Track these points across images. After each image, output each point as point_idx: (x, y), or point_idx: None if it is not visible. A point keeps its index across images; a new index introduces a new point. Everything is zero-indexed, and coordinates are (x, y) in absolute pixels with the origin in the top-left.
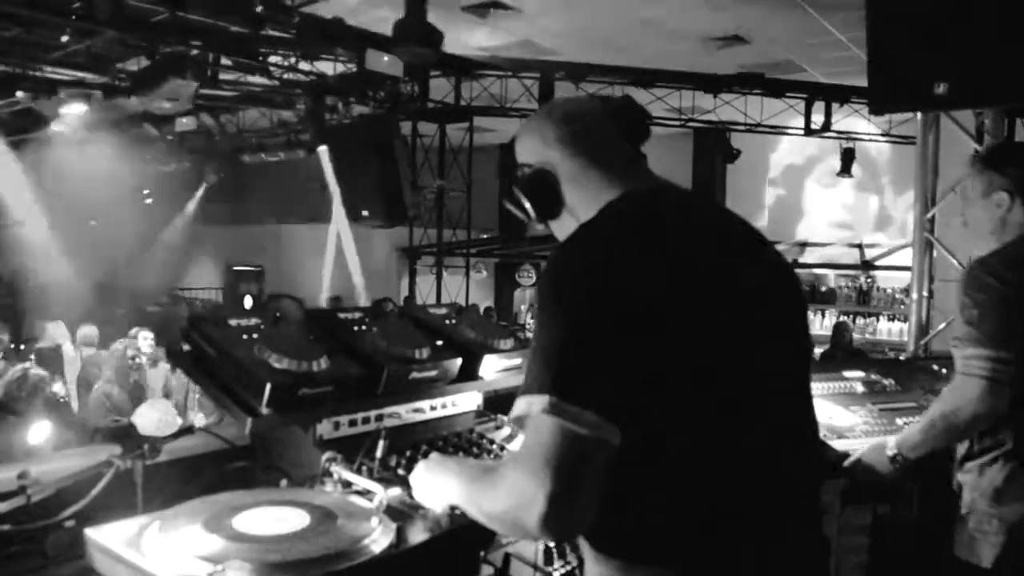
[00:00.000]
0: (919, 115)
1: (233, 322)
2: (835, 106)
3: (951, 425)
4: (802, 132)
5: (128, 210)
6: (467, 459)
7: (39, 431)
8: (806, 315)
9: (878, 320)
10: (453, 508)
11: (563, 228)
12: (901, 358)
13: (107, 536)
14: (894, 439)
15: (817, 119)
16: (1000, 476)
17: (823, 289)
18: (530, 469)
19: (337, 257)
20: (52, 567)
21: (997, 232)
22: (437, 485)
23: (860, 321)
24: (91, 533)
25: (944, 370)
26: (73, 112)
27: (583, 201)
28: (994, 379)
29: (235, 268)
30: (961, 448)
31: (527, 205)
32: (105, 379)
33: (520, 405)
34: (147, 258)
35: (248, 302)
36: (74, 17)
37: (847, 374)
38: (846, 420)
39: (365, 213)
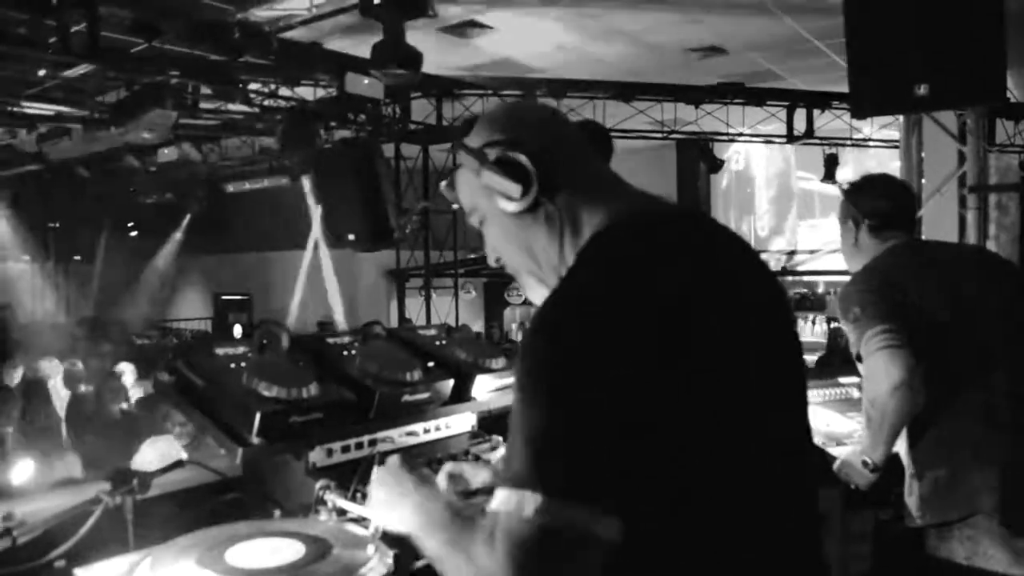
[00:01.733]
0: (901, 118)
1: (220, 351)
2: (816, 112)
3: (882, 409)
4: (784, 140)
5: (112, 243)
6: (439, 495)
7: (23, 469)
8: (798, 336)
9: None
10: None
11: (532, 231)
12: None
13: (97, 575)
14: (861, 445)
15: (799, 126)
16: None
17: (813, 296)
18: (501, 561)
19: (321, 283)
20: None
21: (854, 254)
22: (400, 510)
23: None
24: (81, 573)
25: None
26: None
27: (562, 209)
28: (891, 346)
29: (223, 297)
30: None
31: (509, 185)
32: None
33: (503, 498)
34: (134, 291)
35: (237, 331)
36: (50, 51)
37: (843, 380)
38: (844, 426)
39: (351, 237)
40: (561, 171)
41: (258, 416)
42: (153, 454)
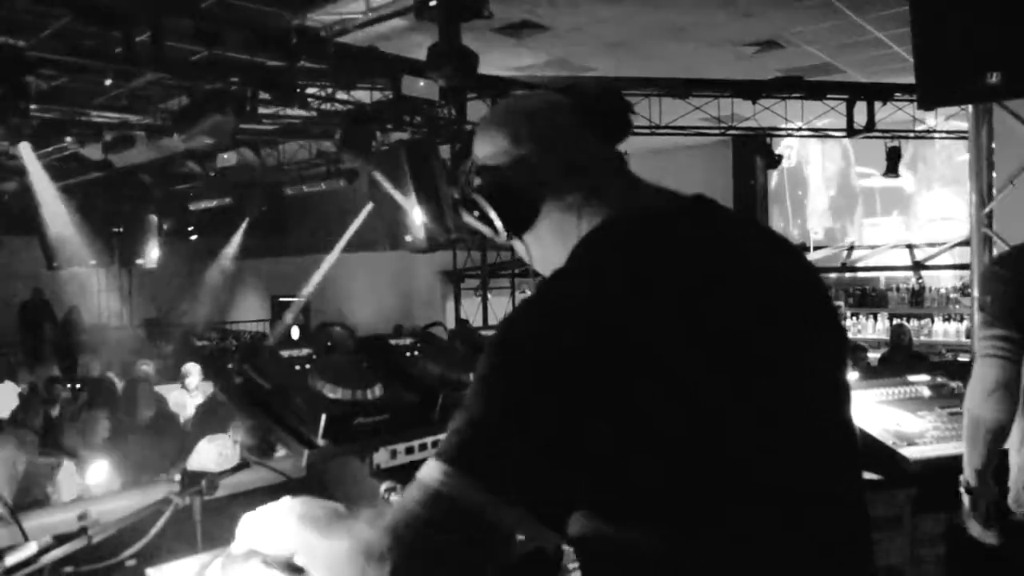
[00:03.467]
0: (970, 108)
1: (285, 353)
2: (878, 104)
3: (972, 419)
4: (844, 134)
5: (174, 247)
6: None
7: (97, 471)
8: (837, 332)
9: (932, 321)
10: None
11: (537, 246)
12: (965, 359)
13: None
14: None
15: (860, 119)
16: None
17: (873, 292)
18: (386, 529)
19: (379, 286)
20: None
21: None
22: (277, 525)
23: (914, 323)
24: (152, 573)
25: None
26: (119, 154)
27: (562, 213)
28: (998, 356)
29: (280, 299)
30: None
31: (493, 216)
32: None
33: (422, 469)
34: (194, 294)
35: (295, 332)
36: (116, 61)
37: (912, 378)
38: (915, 426)
39: (407, 239)
40: (554, 181)
41: (324, 418)
42: (211, 452)
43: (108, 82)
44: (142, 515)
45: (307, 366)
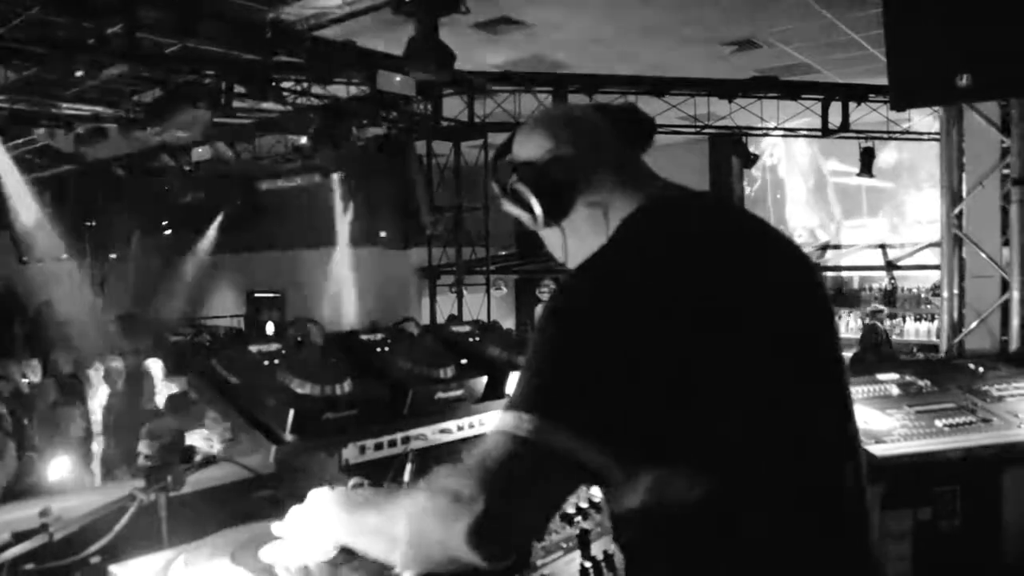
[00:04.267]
0: (941, 109)
1: (254, 348)
2: (852, 105)
3: None
4: (819, 134)
5: (147, 241)
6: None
7: (59, 467)
8: (834, 320)
9: (904, 320)
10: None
11: (574, 233)
12: (933, 358)
13: (132, 572)
14: None
15: (834, 120)
16: None
17: (845, 291)
18: (470, 474)
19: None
20: None
21: None
22: (319, 519)
23: (886, 322)
24: (116, 570)
25: (980, 369)
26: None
27: (598, 203)
28: None
29: (256, 295)
30: None
31: (533, 202)
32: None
33: (497, 420)
34: (168, 289)
35: (270, 328)
36: (88, 52)
37: (881, 377)
38: (883, 424)
39: (383, 235)
40: (590, 176)
41: (292, 413)
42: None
43: (79, 73)
44: (105, 512)
45: (276, 361)
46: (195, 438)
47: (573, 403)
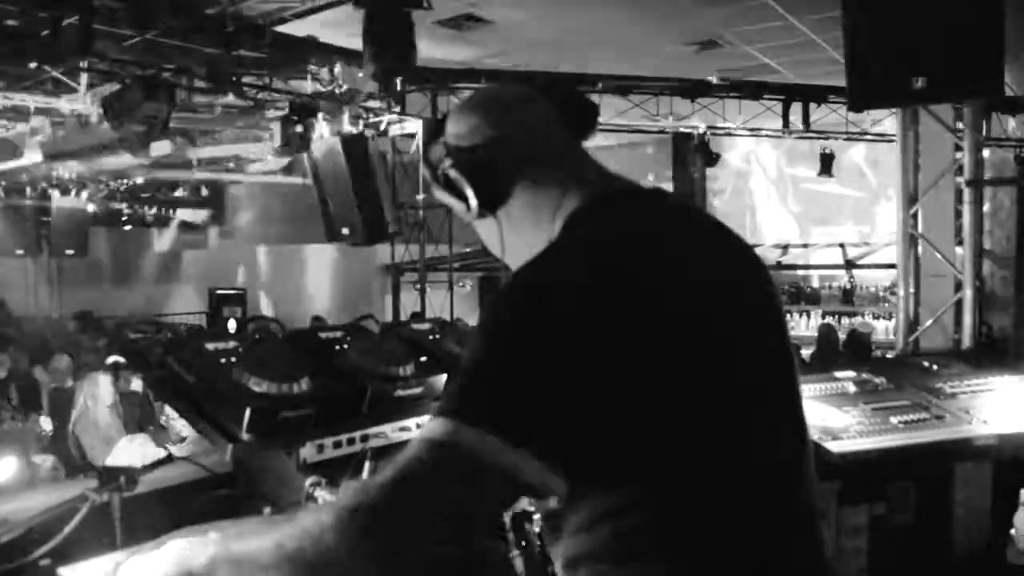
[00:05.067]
0: (898, 111)
1: (211, 346)
2: (812, 106)
3: None
4: (780, 134)
5: (106, 237)
6: None
7: (4, 467)
8: (784, 320)
9: (863, 319)
10: None
11: (509, 223)
12: (890, 356)
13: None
14: None
15: (795, 120)
16: None
17: (807, 290)
18: (382, 486)
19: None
20: None
21: None
22: (184, 552)
23: (845, 321)
24: (65, 573)
25: (935, 367)
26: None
27: (534, 195)
28: None
29: (217, 292)
30: None
31: (467, 189)
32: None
33: (422, 428)
34: (128, 286)
35: (232, 325)
36: (43, 44)
37: (838, 374)
38: (839, 421)
39: (345, 231)
40: (530, 164)
41: (248, 412)
42: (131, 451)
43: (33, 65)
44: (56, 512)
45: (233, 359)
46: (140, 439)
47: (505, 411)
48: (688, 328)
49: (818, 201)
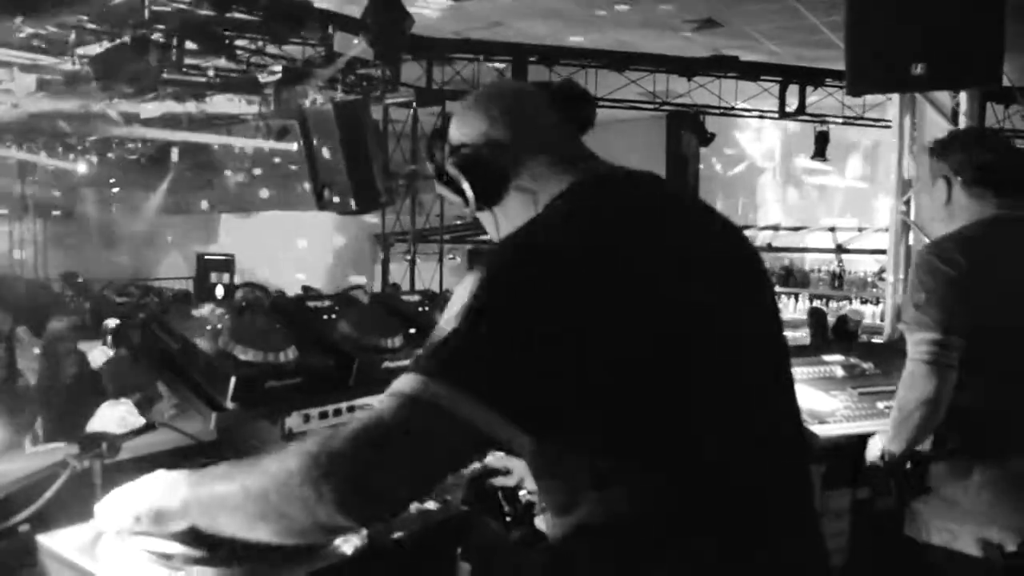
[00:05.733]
0: (896, 97)
1: (196, 313)
2: (809, 89)
3: (908, 414)
4: (776, 115)
5: (94, 199)
6: None
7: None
8: (774, 297)
9: (851, 303)
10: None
11: (505, 217)
12: (877, 341)
13: (60, 542)
14: (880, 442)
15: (791, 102)
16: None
17: (797, 272)
18: (348, 434)
19: (308, 246)
20: (5, 574)
21: (944, 218)
22: (155, 490)
23: (833, 304)
24: (43, 540)
25: None
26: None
27: (530, 187)
28: (936, 363)
29: (205, 257)
30: None
31: (466, 187)
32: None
33: (392, 384)
34: (115, 248)
35: (219, 291)
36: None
37: (827, 358)
38: (827, 405)
39: (335, 200)
40: (525, 162)
41: (233, 380)
42: (111, 417)
43: (19, 19)
44: (36, 478)
45: (218, 326)
46: (123, 406)
47: (478, 367)
48: (658, 297)
49: (820, 193)
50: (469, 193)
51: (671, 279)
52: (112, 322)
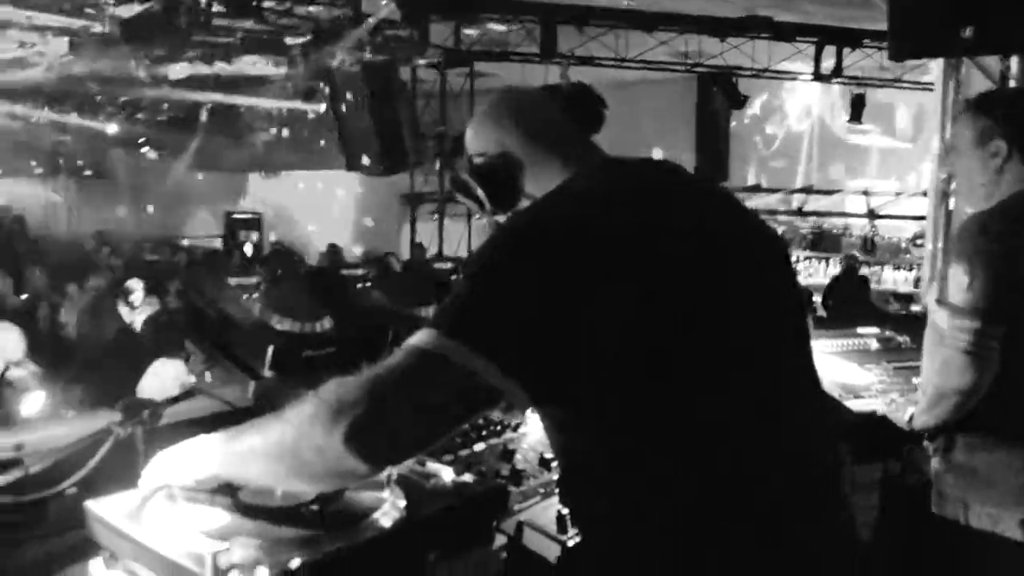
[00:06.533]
0: (940, 61)
1: (233, 281)
2: (846, 51)
3: (942, 398)
4: (811, 78)
5: (124, 159)
6: None
7: (34, 402)
8: (791, 279)
9: (883, 269)
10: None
11: None
12: (911, 311)
13: (107, 509)
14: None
15: (828, 64)
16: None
17: (827, 236)
18: (361, 381)
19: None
20: (54, 536)
21: (990, 186)
22: (195, 452)
23: (865, 269)
24: (91, 505)
25: None
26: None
27: (541, 189)
28: (977, 354)
29: (233, 216)
30: None
31: (481, 195)
32: None
33: (409, 339)
34: (145, 207)
35: (248, 250)
36: None
37: (861, 331)
38: (861, 379)
39: (365, 161)
40: (538, 171)
41: (271, 350)
42: (166, 375)
43: None
44: (81, 446)
45: (255, 295)
46: (172, 365)
47: (483, 324)
48: (670, 276)
49: (859, 154)
50: (486, 203)
51: (681, 252)
52: (136, 283)
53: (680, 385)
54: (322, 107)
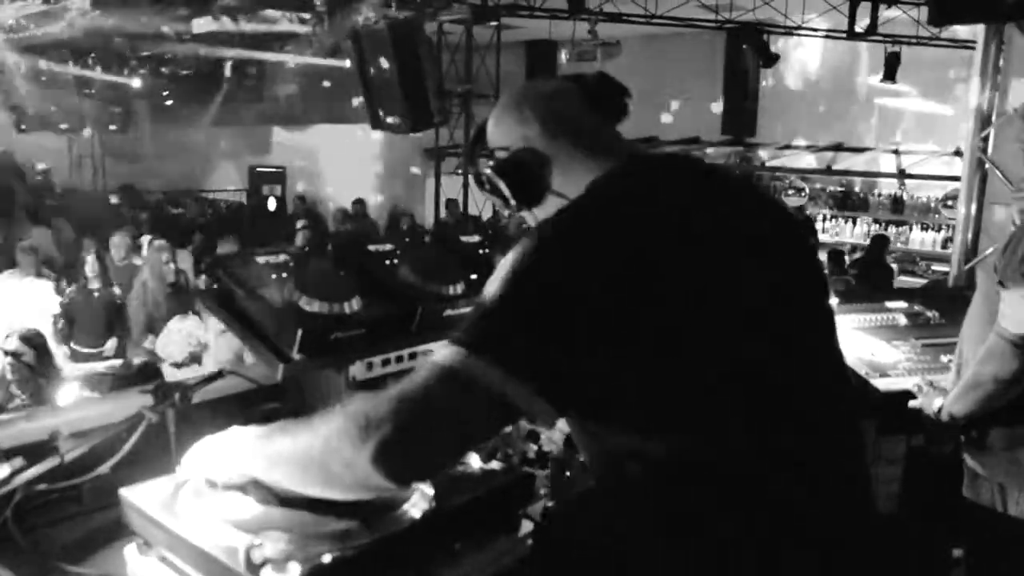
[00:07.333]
0: (981, 26)
1: (260, 259)
2: (882, 7)
3: (979, 385)
4: (844, 36)
5: (148, 112)
6: None
7: (69, 392)
8: (818, 273)
9: (911, 230)
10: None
11: (545, 215)
12: (941, 279)
13: (141, 497)
14: (942, 400)
15: (862, 21)
16: None
17: (855, 196)
18: (388, 399)
19: (359, 160)
20: (90, 515)
21: None
22: (231, 453)
23: (893, 230)
24: (126, 493)
25: None
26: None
27: (567, 184)
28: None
29: (257, 169)
30: None
31: (506, 191)
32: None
33: (433, 354)
34: (169, 160)
35: (271, 204)
36: None
37: (890, 305)
38: (888, 356)
39: (390, 120)
40: (562, 164)
41: (300, 333)
42: (181, 333)
43: None
44: (114, 431)
45: (283, 274)
46: (190, 322)
47: (512, 344)
48: (704, 281)
49: (897, 116)
50: (510, 198)
51: (710, 253)
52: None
53: (714, 414)
54: (347, 63)
